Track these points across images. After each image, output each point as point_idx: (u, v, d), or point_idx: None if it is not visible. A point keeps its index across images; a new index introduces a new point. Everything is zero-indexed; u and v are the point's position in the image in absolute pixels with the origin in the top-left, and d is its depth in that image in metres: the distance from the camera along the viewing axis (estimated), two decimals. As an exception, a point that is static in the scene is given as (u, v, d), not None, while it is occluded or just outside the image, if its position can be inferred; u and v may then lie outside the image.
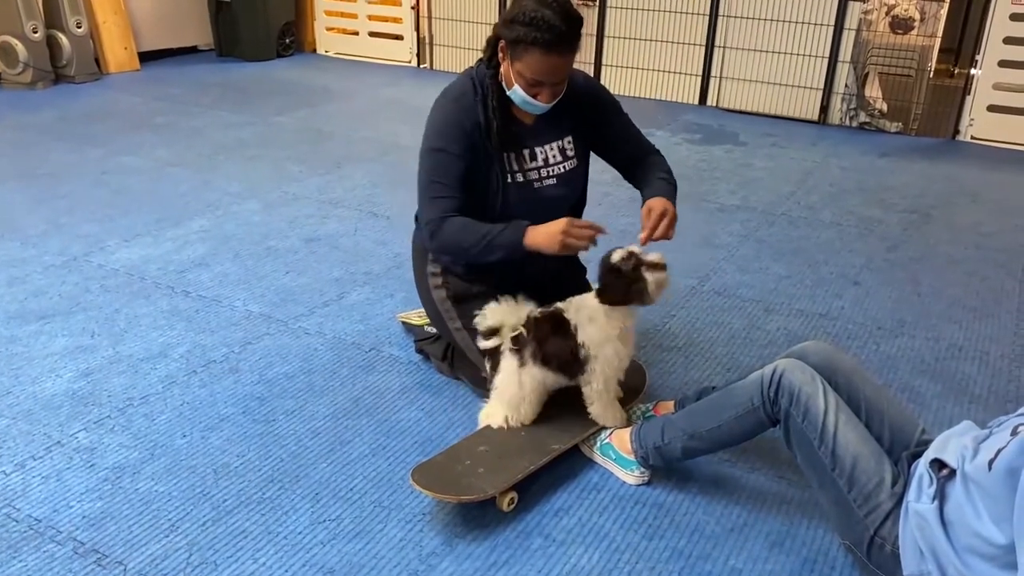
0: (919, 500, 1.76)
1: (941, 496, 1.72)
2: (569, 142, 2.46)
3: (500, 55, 2.27)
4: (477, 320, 2.28)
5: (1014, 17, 5.30)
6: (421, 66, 7.47)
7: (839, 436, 1.89)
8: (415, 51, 7.44)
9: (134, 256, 3.50)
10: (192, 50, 7.70)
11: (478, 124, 2.30)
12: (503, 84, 2.30)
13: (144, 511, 2.08)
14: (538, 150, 2.41)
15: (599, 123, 2.50)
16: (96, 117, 5.62)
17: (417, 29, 7.36)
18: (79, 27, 6.39)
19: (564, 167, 2.45)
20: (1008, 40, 5.37)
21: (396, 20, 7.47)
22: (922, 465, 1.81)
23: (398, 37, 7.51)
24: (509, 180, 2.36)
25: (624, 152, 2.54)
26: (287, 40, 7.65)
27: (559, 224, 2.17)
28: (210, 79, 6.84)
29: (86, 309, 3.06)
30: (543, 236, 2.19)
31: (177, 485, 2.17)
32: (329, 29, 7.83)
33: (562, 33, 2.14)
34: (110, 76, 6.75)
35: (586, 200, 2.62)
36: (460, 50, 7.20)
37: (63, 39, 6.32)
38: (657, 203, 2.27)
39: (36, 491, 2.14)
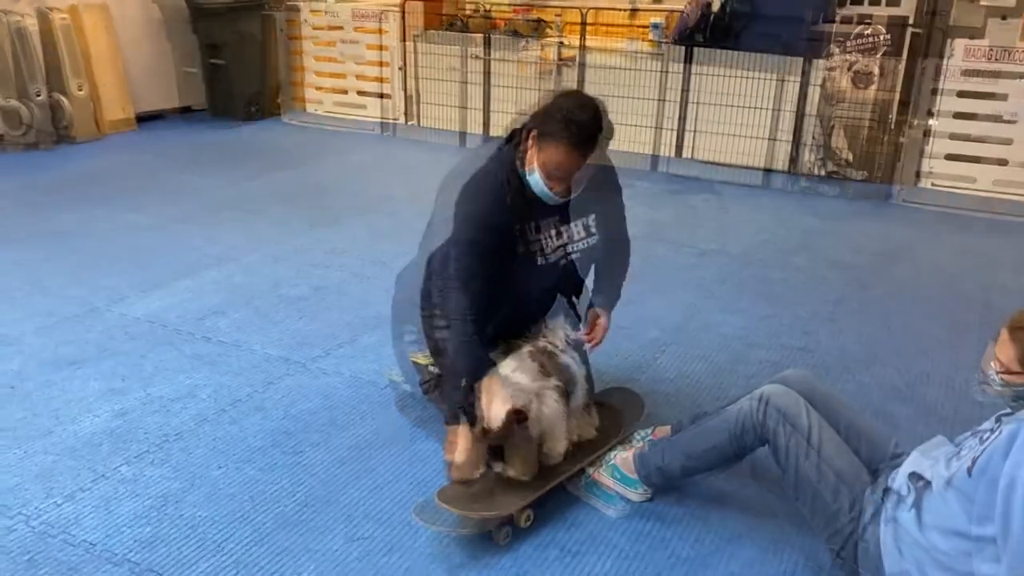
0: (898, 508, 2.01)
1: (918, 504, 1.96)
2: (592, 219, 2.58)
3: (529, 143, 2.40)
4: None
5: (966, 72, 5.71)
6: (409, 123, 7.77)
7: (823, 452, 2.13)
8: (402, 110, 7.75)
9: (153, 306, 3.70)
10: (186, 110, 7.95)
11: (510, 219, 2.42)
12: (524, 168, 2.42)
13: (191, 534, 2.26)
14: (563, 229, 2.52)
15: (605, 200, 2.63)
16: (98, 177, 5.82)
17: (405, 88, 7.68)
18: (80, 90, 6.63)
19: (588, 243, 2.58)
20: (962, 94, 5.77)
21: (383, 80, 7.78)
22: (901, 477, 2.05)
23: (385, 96, 7.82)
24: (539, 262, 2.49)
25: (604, 232, 2.64)
26: (279, 100, 7.96)
27: (467, 446, 2.28)
28: (206, 139, 7.08)
29: (114, 355, 3.24)
30: (453, 442, 2.31)
31: (219, 511, 2.36)
32: (319, 88, 8.14)
33: (591, 136, 2.33)
34: (109, 137, 6.96)
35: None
36: (446, 107, 7.51)
37: (65, 101, 6.55)
38: (604, 319, 2.65)
39: (88, 519, 2.31)
